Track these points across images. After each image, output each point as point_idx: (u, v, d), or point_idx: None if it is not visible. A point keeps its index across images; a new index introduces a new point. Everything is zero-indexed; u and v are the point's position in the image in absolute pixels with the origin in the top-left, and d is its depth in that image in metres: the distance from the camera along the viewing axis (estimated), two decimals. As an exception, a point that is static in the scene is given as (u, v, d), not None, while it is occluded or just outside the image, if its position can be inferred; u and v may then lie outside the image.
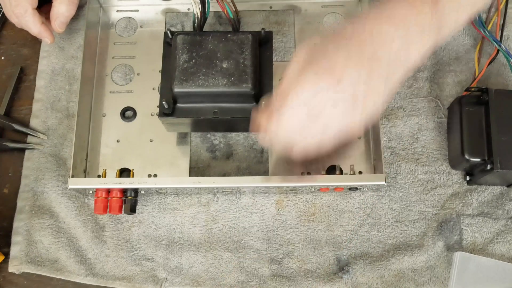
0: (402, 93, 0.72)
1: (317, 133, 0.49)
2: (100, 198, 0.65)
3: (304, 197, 0.68)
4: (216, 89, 0.61)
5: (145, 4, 0.76)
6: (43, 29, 0.69)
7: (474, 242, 0.66)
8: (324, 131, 0.49)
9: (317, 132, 0.49)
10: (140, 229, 0.68)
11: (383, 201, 0.68)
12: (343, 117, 0.48)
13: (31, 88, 0.74)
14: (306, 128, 0.49)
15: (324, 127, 0.49)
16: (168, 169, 0.69)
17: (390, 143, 0.70)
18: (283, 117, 0.49)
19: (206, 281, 0.66)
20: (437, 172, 0.69)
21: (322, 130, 0.49)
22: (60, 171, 0.70)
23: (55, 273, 0.66)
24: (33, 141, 0.71)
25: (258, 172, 0.69)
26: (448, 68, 0.73)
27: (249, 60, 0.62)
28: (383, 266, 0.66)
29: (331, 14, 0.75)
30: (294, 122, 0.49)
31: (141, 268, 0.66)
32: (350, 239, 0.67)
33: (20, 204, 0.69)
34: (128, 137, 0.70)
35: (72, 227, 0.68)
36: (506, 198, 0.68)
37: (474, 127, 0.64)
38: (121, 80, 0.73)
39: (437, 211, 0.68)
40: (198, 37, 0.63)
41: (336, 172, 0.67)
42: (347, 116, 0.48)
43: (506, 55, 0.70)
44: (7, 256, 0.67)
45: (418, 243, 0.67)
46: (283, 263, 0.66)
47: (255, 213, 0.68)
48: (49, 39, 0.71)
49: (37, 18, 0.69)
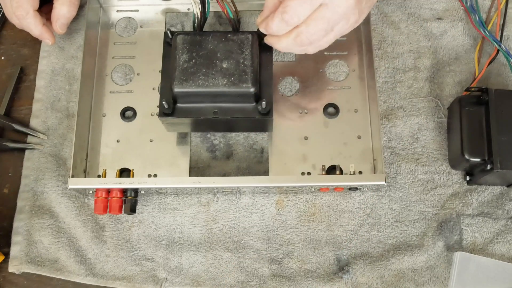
0: (402, 93, 0.72)
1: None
2: (100, 198, 0.65)
3: (304, 197, 0.68)
4: (216, 89, 0.61)
5: (145, 4, 0.76)
6: (44, 30, 0.69)
7: (474, 242, 0.66)
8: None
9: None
10: (140, 229, 0.68)
11: (383, 201, 0.68)
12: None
13: (31, 88, 0.74)
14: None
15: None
16: (168, 169, 0.69)
17: (390, 143, 0.70)
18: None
19: (206, 281, 0.66)
20: (437, 172, 0.69)
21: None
22: (60, 171, 0.70)
23: (55, 273, 0.66)
24: (33, 141, 0.71)
25: (258, 172, 0.69)
26: (448, 68, 0.73)
27: (249, 60, 0.62)
28: (383, 266, 0.66)
29: (331, 14, 0.75)
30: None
31: (141, 268, 0.67)
32: (350, 239, 0.67)
33: (20, 204, 0.69)
34: (128, 137, 0.70)
35: (72, 227, 0.68)
36: (506, 198, 0.68)
37: (474, 127, 0.64)
38: (121, 80, 0.73)
39: (437, 211, 0.68)
40: (198, 37, 0.63)
41: (336, 172, 0.67)
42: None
43: (506, 55, 0.70)
44: (7, 256, 0.67)
45: (418, 243, 0.67)
46: (283, 263, 0.66)
47: (255, 213, 0.68)
48: (50, 41, 0.71)
49: (38, 20, 0.69)
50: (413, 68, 0.73)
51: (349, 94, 0.71)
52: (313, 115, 0.70)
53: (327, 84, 0.72)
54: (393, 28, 0.75)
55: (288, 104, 0.71)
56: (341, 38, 0.73)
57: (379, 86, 0.72)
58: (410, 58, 0.73)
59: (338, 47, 0.73)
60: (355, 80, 0.72)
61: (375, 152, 0.68)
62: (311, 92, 0.71)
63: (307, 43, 0.59)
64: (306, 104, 0.71)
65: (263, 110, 0.62)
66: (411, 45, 0.74)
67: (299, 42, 0.59)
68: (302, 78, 0.72)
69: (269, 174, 0.68)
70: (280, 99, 0.71)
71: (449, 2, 0.76)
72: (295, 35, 0.58)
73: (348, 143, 0.69)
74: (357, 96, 0.71)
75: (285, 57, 0.73)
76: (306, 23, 0.58)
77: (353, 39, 0.73)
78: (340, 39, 0.73)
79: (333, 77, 0.72)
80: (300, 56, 0.73)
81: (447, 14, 0.75)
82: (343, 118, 0.70)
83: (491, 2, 0.75)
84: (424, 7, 0.76)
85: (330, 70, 0.72)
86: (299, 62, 0.73)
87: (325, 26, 0.58)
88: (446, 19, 0.75)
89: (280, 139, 0.69)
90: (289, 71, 0.72)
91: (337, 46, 0.73)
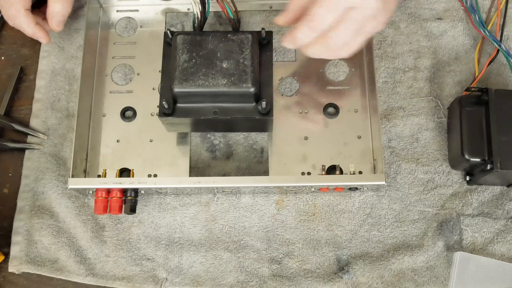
0: (402, 93, 0.72)
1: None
2: (100, 198, 0.65)
3: (304, 197, 0.68)
4: (216, 89, 0.61)
5: (145, 4, 0.76)
6: (37, 29, 0.69)
7: (474, 242, 0.66)
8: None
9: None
10: (140, 229, 0.68)
11: (383, 201, 0.68)
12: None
13: (31, 88, 0.74)
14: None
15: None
16: (168, 169, 0.69)
17: (390, 143, 0.70)
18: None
19: (206, 281, 0.66)
20: (437, 172, 0.69)
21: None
22: (60, 171, 0.70)
23: (55, 273, 0.66)
24: (33, 141, 0.71)
25: (258, 172, 0.69)
26: (448, 68, 0.73)
27: (249, 60, 0.62)
28: (383, 266, 0.66)
29: (331, 14, 0.75)
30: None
31: (141, 268, 0.67)
32: (350, 239, 0.67)
33: (20, 204, 0.69)
34: (128, 137, 0.70)
35: (72, 227, 0.68)
36: (506, 198, 0.68)
37: (474, 127, 0.64)
38: (121, 80, 0.73)
39: (437, 211, 0.68)
40: (198, 37, 0.63)
41: (336, 172, 0.67)
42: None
43: (506, 55, 0.70)
44: (7, 256, 0.67)
45: (418, 243, 0.67)
46: (283, 263, 0.66)
47: (255, 213, 0.68)
48: (44, 40, 0.70)
49: (30, 19, 0.68)
50: (413, 68, 0.73)
51: (349, 94, 0.71)
52: (313, 115, 0.70)
53: (327, 84, 0.72)
54: (393, 28, 0.75)
55: (288, 104, 0.71)
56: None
57: (379, 86, 0.72)
58: (410, 58, 0.73)
59: (338, 47, 0.73)
60: (355, 80, 0.72)
61: (375, 152, 0.68)
62: (311, 92, 0.71)
63: (337, 47, 0.58)
64: (306, 104, 0.71)
65: (263, 110, 0.63)
66: (411, 45, 0.74)
67: (328, 47, 0.58)
68: (302, 78, 0.72)
69: (269, 174, 0.68)
70: (280, 99, 0.71)
71: (449, 2, 0.76)
72: (324, 41, 0.57)
73: (348, 143, 0.69)
74: (357, 96, 0.71)
75: (285, 57, 0.73)
76: (334, 28, 0.56)
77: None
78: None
79: (333, 77, 0.72)
80: (300, 56, 0.73)
81: (447, 14, 0.75)
82: (343, 118, 0.70)
83: (491, 2, 0.75)
84: (424, 7, 0.76)
85: (330, 70, 0.72)
86: (299, 62, 0.73)
87: (354, 29, 0.57)
88: (446, 19, 0.75)
89: (280, 139, 0.69)
90: (289, 71, 0.72)
91: (337, 46, 0.73)
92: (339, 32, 0.57)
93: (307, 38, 0.58)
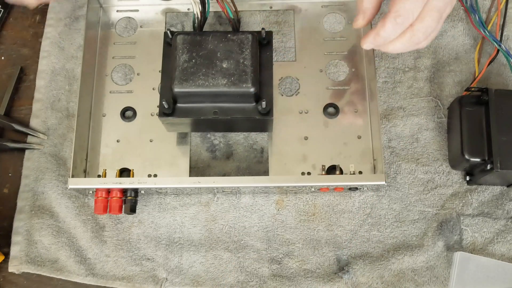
0: (402, 93, 0.72)
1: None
2: (100, 198, 0.65)
3: (304, 197, 0.68)
4: (216, 89, 0.61)
5: (145, 4, 0.76)
6: None
7: (474, 242, 0.66)
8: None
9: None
10: (140, 229, 0.68)
11: (383, 201, 0.68)
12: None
13: (31, 88, 0.74)
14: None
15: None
16: (168, 169, 0.69)
17: (390, 143, 0.70)
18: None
19: (206, 281, 0.66)
20: (437, 172, 0.69)
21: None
22: (60, 171, 0.70)
23: (55, 273, 0.66)
24: (33, 141, 0.71)
25: (258, 172, 0.69)
26: (448, 68, 0.73)
27: (249, 60, 0.62)
28: (383, 266, 0.66)
29: (331, 14, 0.75)
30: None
31: (141, 268, 0.67)
32: (350, 239, 0.67)
33: (20, 204, 0.69)
34: (128, 137, 0.70)
35: (72, 227, 0.68)
36: (506, 198, 0.68)
37: (474, 127, 0.64)
38: (121, 80, 0.73)
39: (437, 211, 0.68)
40: (198, 37, 0.63)
41: (336, 172, 0.67)
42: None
43: (506, 55, 0.70)
44: (7, 256, 0.67)
45: (418, 243, 0.67)
46: (283, 263, 0.66)
47: (255, 213, 0.68)
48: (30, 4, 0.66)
49: None
50: (413, 68, 0.73)
51: (349, 94, 0.71)
52: (313, 115, 0.70)
53: (327, 84, 0.72)
54: (393, 28, 0.75)
55: (288, 104, 0.71)
56: (341, 38, 0.73)
57: (379, 86, 0.72)
58: (410, 58, 0.73)
59: (338, 47, 0.73)
60: (355, 80, 0.72)
61: (375, 152, 0.68)
62: (311, 92, 0.71)
63: (423, 38, 0.58)
64: (306, 104, 0.71)
65: (263, 110, 0.63)
66: (411, 45, 0.74)
67: (415, 40, 0.58)
68: (302, 78, 0.72)
69: (269, 174, 0.68)
70: (280, 99, 0.71)
71: (449, 2, 0.76)
72: (411, 34, 0.57)
73: (348, 143, 0.69)
74: (357, 96, 0.71)
75: (285, 57, 0.73)
76: (420, 19, 0.56)
77: (353, 39, 0.73)
78: (340, 39, 0.73)
79: (333, 77, 0.72)
80: (300, 56, 0.73)
81: (447, 14, 0.75)
82: (343, 118, 0.70)
83: (491, 2, 0.75)
84: (424, 7, 0.76)
85: (330, 70, 0.72)
86: (299, 62, 0.73)
87: (438, 17, 0.57)
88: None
89: (280, 139, 0.69)
90: (289, 71, 0.72)
91: (337, 46, 0.73)
92: (425, 23, 0.56)
93: (394, 34, 0.57)
